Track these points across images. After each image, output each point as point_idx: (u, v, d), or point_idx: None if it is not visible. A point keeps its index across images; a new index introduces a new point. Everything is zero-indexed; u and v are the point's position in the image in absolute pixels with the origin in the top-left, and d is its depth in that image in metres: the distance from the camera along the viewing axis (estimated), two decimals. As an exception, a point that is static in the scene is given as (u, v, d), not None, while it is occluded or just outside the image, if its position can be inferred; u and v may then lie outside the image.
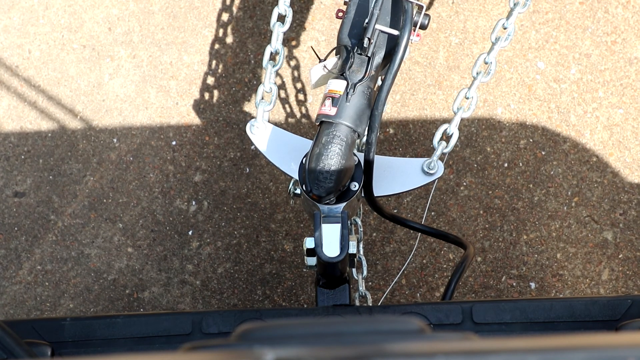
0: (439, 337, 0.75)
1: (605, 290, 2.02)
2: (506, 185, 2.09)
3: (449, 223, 2.06)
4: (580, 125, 2.13)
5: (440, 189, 2.08)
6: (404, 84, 2.17)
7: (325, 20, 2.22)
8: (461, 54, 2.19)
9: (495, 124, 2.13)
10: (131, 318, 1.41)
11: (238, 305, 2.01)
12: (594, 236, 2.05)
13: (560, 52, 2.18)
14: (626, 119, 2.13)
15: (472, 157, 2.11)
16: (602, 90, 2.15)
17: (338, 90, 1.43)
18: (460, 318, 1.35)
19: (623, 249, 2.04)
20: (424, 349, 0.69)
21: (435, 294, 2.01)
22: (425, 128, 2.14)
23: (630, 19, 2.20)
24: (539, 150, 2.11)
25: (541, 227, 2.06)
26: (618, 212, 2.06)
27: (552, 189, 2.08)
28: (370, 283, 2.01)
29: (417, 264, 2.02)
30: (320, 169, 1.37)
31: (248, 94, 2.17)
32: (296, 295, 2.00)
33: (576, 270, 2.03)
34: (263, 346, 0.67)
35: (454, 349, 0.68)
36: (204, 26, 2.23)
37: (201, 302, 2.00)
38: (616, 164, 2.10)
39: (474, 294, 2.02)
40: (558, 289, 2.02)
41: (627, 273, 2.02)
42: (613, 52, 2.18)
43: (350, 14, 1.49)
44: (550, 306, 1.36)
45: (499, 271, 2.03)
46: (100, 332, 1.36)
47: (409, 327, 0.75)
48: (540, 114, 2.14)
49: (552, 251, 2.04)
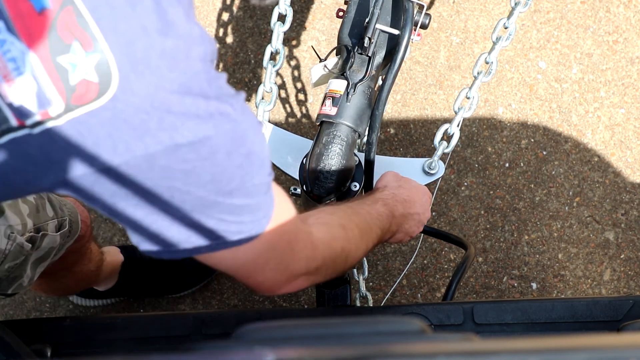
0: (440, 337, 0.75)
1: (607, 291, 2.01)
2: (507, 185, 2.08)
3: (450, 223, 2.05)
4: (581, 125, 2.13)
5: (442, 189, 2.07)
6: (405, 84, 2.17)
7: (325, 20, 2.22)
8: (462, 54, 2.19)
9: (497, 124, 2.13)
10: (131, 319, 1.41)
11: (238, 306, 2.00)
12: (595, 236, 2.05)
13: (562, 52, 2.18)
14: (628, 118, 2.12)
15: (473, 157, 2.10)
16: (604, 89, 2.15)
17: (338, 90, 1.42)
18: (462, 319, 1.35)
19: (625, 249, 2.03)
20: (425, 349, 0.68)
21: (436, 295, 2.01)
22: (426, 128, 2.13)
23: (632, 18, 2.19)
24: (541, 150, 2.11)
25: (542, 227, 2.05)
26: (620, 212, 2.06)
27: (553, 189, 2.08)
28: (371, 283, 2.01)
29: (418, 265, 2.02)
30: (320, 169, 1.37)
31: (248, 94, 2.16)
32: (296, 295, 2.00)
33: (578, 271, 2.02)
34: (263, 347, 0.67)
35: (455, 350, 0.68)
36: (204, 26, 2.23)
37: (201, 303, 1.99)
38: (618, 164, 2.09)
39: (475, 295, 2.01)
40: (559, 290, 2.01)
41: (629, 273, 2.02)
42: (615, 51, 2.17)
43: (350, 14, 1.48)
44: (551, 307, 1.36)
45: (500, 271, 2.03)
46: (100, 333, 1.36)
47: (410, 328, 0.74)
48: (541, 113, 2.14)
49: (554, 251, 2.04)
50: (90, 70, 0.81)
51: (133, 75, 0.83)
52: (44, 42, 0.81)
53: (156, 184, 0.88)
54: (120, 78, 0.82)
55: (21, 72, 0.82)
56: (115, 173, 0.87)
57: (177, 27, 0.84)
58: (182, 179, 0.89)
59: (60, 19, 0.80)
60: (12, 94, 0.82)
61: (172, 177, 0.88)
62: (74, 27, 0.81)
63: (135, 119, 0.84)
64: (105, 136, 0.84)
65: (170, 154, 0.86)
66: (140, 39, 0.83)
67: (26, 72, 0.82)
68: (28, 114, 0.83)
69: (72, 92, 0.82)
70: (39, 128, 0.83)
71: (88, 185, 0.88)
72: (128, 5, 0.82)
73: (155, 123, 0.84)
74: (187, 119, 0.86)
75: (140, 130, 0.84)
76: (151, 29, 0.83)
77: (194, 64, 0.86)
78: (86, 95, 0.82)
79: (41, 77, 0.82)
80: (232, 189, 0.93)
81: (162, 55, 0.83)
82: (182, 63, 0.85)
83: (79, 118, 0.83)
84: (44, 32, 0.81)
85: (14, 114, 0.83)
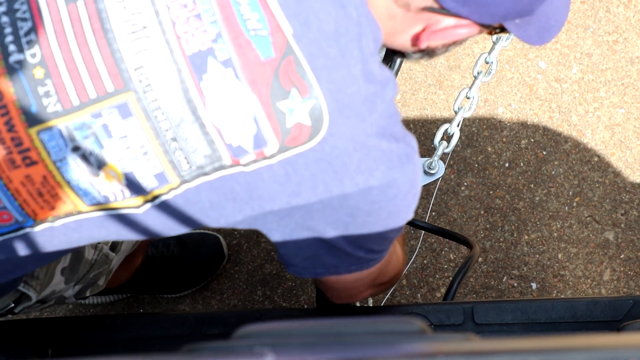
0: (440, 337, 0.75)
1: (606, 291, 2.01)
2: (507, 185, 2.08)
3: (449, 223, 2.05)
4: (581, 125, 2.13)
5: (441, 189, 2.07)
6: (405, 84, 2.17)
7: (325, 20, 2.22)
8: (462, 54, 2.19)
9: (496, 124, 2.13)
10: (131, 318, 1.41)
11: (238, 306, 2.00)
12: (595, 236, 2.05)
13: (562, 52, 2.18)
14: (628, 118, 2.13)
15: (473, 157, 2.10)
16: (604, 89, 2.15)
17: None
18: (462, 319, 1.34)
19: (625, 249, 2.03)
20: (425, 349, 0.68)
21: (436, 295, 2.01)
22: (425, 128, 2.13)
23: (632, 18, 2.19)
24: (540, 150, 2.11)
25: (542, 227, 2.05)
26: (619, 212, 2.06)
27: (553, 189, 2.08)
28: (371, 283, 2.01)
29: (418, 264, 2.02)
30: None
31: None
32: (296, 295, 2.00)
33: (577, 271, 2.02)
34: (263, 347, 0.66)
35: (455, 350, 0.68)
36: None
37: (201, 303, 1.99)
38: (618, 163, 2.09)
39: (475, 295, 2.01)
40: (559, 290, 2.01)
41: (629, 273, 2.02)
42: (614, 51, 2.17)
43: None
44: (551, 307, 1.36)
45: (500, 271, 2.03)
46: (100, 333, 1.36)
47: (410, 328, 0.74)
48: (541, 113, 2.14)
49: (554, 251, 2.04)
50: (305, 115, 0.87)
51: (341, 120, 0.88)
52: (266, 88, 0.86)
53: (339, 219, 0.94)
54: (330, 122, 0.88)
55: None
56: (307, 210, 0.92)
57: (376, 74, 0.90)
58: (364, 216, 0.94)
59: (281, 67, 0.86)
60: (232, 136, 0.88)
61: (356, 215, 0.93)
62: (293, 75, 0.86)
63: (338, 161, 0.89)
64: (309, 177, 0.89)
65: (362, 195, 0.91)
66: (349, 86, 0.88)
67: (248, 116, 0.87)
68: (243, 153, 0.88)
69: (287, 135, 0.87)
70: (253, 166, 0.89)
71: (276, 219, 0.94)
72: (340, 55, 0.87)
73: (354, 166, 0.89)
74: (381, 163, 0.91)
75: (341, 173, 0.89)
76: (358, 76, 0.88)
77: (389, 107, 0.92)
78: (299, 137, 0.88)
79: (261, 120, 0.87)
80: (395, 226, 0.99)
81: (365, 100, 0.89)
82: (379, 106, 0.90)
83: (289, 159, 0.88)
84: (267, 80, 0.86)
85: (230, 153, 0.88)
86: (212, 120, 0.87)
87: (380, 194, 0.92)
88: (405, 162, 0.93)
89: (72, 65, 0.86)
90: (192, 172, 0.89)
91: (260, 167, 0.88)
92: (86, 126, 0.87)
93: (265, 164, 0.88)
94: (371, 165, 0.90)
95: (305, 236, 0.96)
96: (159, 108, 0.86)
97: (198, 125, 0.87)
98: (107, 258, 1.31)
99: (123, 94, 0.86)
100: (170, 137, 0.88)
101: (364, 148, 0.89)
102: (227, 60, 0.85)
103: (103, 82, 0.86)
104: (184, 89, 0.86)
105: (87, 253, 1.25)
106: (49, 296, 1.22)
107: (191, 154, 0.88)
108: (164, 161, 0.89)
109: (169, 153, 0.88)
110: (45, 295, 1.20)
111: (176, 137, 0.87)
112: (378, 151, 0.90)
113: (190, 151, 0.88)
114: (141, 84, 0.86)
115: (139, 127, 0.87)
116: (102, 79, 0.86)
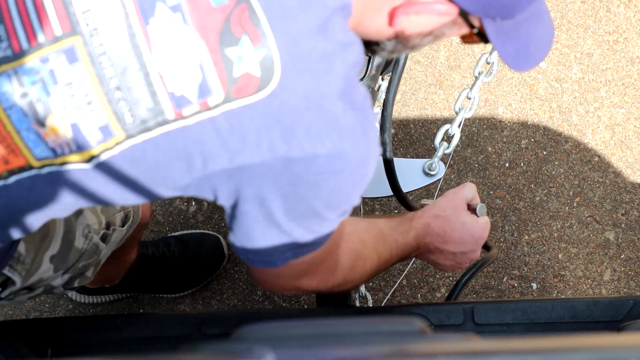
0: (440, 338, 0.75)
1: (607, 291, 2.01)
2: (507, 185, 2.08)
3: (450, 223, 2.05)
4: (582, 125, 2.13)
5: (442, 189, 2.07)
6: (405, 84, 2.17)
7: (326, 20, 2.22)
8: (462, 54, 2.19)
9: (497, 124, 2.13)
10: (131, 319, 1.41)
11: (238, 306, 2.00)
12: (595, 236, 2.04)
13: (562, 52, 2.18)
14: (628, 118, 2.12)
15: (474, 157, 2.10)
16: (604, 89, 2.15)
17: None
18: (462, 319, 1.34)
19: (625, 249, 2.03)
20: (425, 349, 0.68)
21: (436, 295, 2.01)
22: (426, 128, 2.13)
23: (632, 18, 2.19)
24: (541, 150, 2.11)
25: (543, 227, 2.05)
26: (620, 212, 2.06)
27: (553, 189, 2.08)
28: (370, 284, 2.01)
29: (418, 264, 2.02)
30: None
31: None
32: (296, 295, 2.00)
33: (578, 271, 2.02)
34: (263, 347, 0.66)
35: (456, 350, 0.68)
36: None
37: (201, 303, 1.99)
38: (618, 163, 2.09)
39: (475, 295, 2.01)
40: (560, 290, 2.01)
41: (629, 273, 2.02)
42: (615, 51, 2.17)
43: (350, 13, 1.48)
44: (551, 307, 1.36)
45: (500, 272, 2.03)
46: (100, 333, 1.36)
47: (410, 328, 0.74)
48: (541, 113, 2.14)
49: (554, 251, 2.03)
50: (255, 65, 0.83)
51: (293, 74, 0.84)
52: (216, 35, 0.83)
53: (279, 187, 0.89)
54: (282, 75, 0.83)
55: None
56: (249, 174, 0.87)
57: (337, 33, 0.86)
58: (305, 188, 0.89)
59: (234, 14, 0.82)
60: (175, 84, 0.83)
61: (298, 184, 0.89)
62: (246, 23, 0.83)
63: (287, 119, 0.85)
64: (254, 131, 0.85)
65: (308, 162, 0.87)
66: (305, 39, 0.84)
67: (194, 62, 0.83)
68: (187, 103, 0.84)
69: (233, 84, 0.83)
70: (195, 117, 0.84)
71: (219, 182, 0.89)
72: (299, 8, 0.84)
73: (304, 127, 0.85)
74: (333, 130, 0.86)
75: (288, 132, 0.85)
76: (315, 31, 0.84)
77: (350, 70, 0.87)
78: (246, 88, 0.84)
79: (207, 67, 0.83)
80: (336, 205, 0.94)
81: (322, 58, 0.85)
82: (338, 67, 0.85)
83: (234, 110, 0.84)
84: (217, 26, 0.83)
85: (173, 104, 0.84)
86: (156, 68, 0.83)
87: (326, 165, 0.87)
88: (359, 136, 0.88)
89: (23, 9, 0.84)
90: (136, 127, 0.85)
91: (203, 120, 0.84)
92: (34, 71, 0.84)
93: (208, 116, 0.84)
94: (321, 131, 0.85)
95: (247, 209, 0.91)
96: (104, 53, 0.83)
97: (142, 74, 0.83)
98: (97, 248, 1.28)
99: (70, 37, 0.84)
100: (114, 85, 0.84)
101: (317, 108, 0.85)
102: (176, 6, 0.82)
103: (52, 25, 0.84)
104: (131, 33, 0.83)
105: (77, 241, 1.23)
106: (37, 283, 1.19)
107: (134, 105, 0.85)
108: (108, 112, 0.85)
109: (112, 103, 0.85)
110: (32, 282, 1.17)
111: (120, 85, 0.84)
112: (331, 115, 0.85)
113: (133, 102, 0.84)
114: (88, 28, 0.83)
115: (84, 74, 0.84)
116: (51, 23, 0.83)
